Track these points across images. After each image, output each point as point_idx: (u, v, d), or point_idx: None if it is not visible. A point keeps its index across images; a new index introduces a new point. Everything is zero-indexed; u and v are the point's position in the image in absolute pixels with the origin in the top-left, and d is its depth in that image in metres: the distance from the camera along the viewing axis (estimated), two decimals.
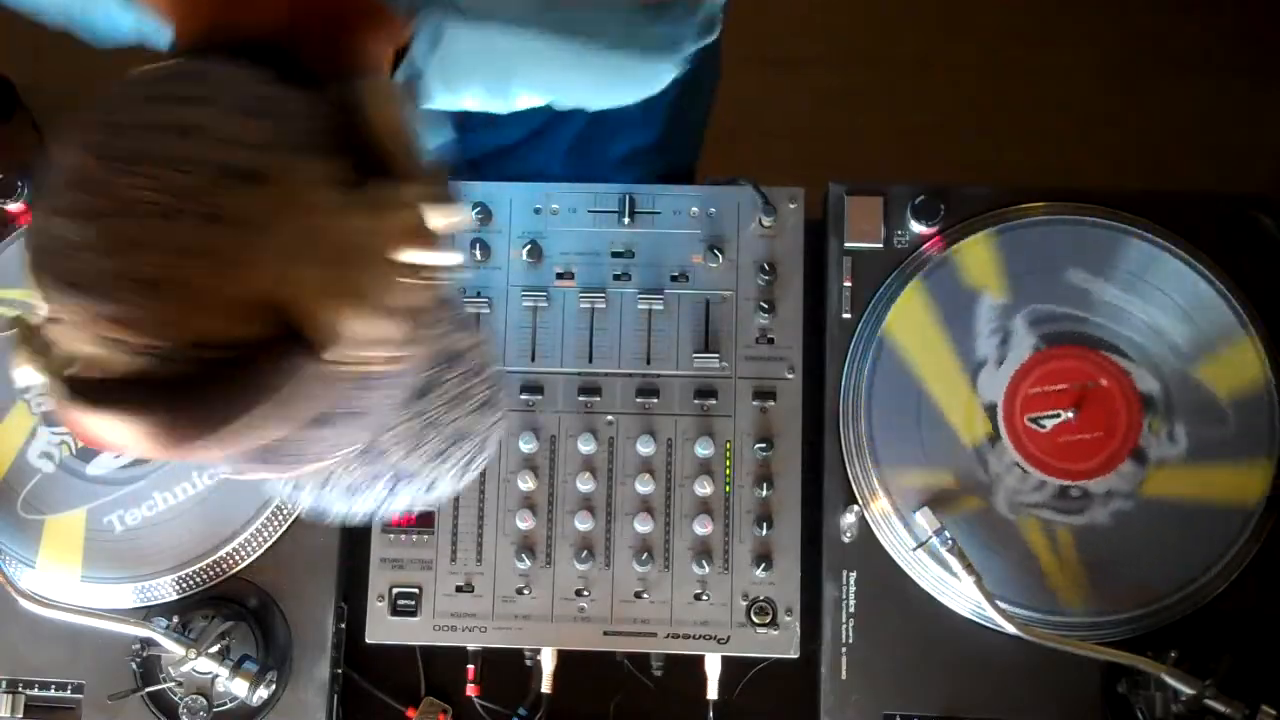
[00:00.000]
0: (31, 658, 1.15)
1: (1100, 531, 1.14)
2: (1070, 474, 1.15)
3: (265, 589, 1.16)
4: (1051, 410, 1.16)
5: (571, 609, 1.16)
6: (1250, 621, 1.12)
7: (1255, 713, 1.05)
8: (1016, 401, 1.16)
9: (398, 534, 1.17)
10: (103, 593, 1.16)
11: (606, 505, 1.17)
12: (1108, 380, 1.17)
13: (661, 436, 1.18)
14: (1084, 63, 2.34)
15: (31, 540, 1.17)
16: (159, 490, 1.18)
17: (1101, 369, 1.17)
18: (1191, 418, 1.16)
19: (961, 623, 1.14)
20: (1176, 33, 2.35)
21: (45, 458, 1.19)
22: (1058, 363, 1.17)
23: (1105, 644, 1.10)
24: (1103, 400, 1.16)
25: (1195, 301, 1.18)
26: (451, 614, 1.16)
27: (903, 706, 1.13)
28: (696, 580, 1.16)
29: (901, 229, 1.22)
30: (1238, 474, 1.15)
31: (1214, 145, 2.24)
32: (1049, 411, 1.16)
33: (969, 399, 1.17)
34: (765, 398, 1.18)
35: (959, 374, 1.17)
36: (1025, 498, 1.15)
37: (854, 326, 1.20)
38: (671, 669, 1.17)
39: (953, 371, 1.17)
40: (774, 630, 1.14)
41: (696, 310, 1.21)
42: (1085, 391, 1.16)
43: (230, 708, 1.12)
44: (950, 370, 1.17)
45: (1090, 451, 1.15)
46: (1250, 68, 2.33)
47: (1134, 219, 1.20)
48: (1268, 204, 1.21)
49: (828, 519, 1.16)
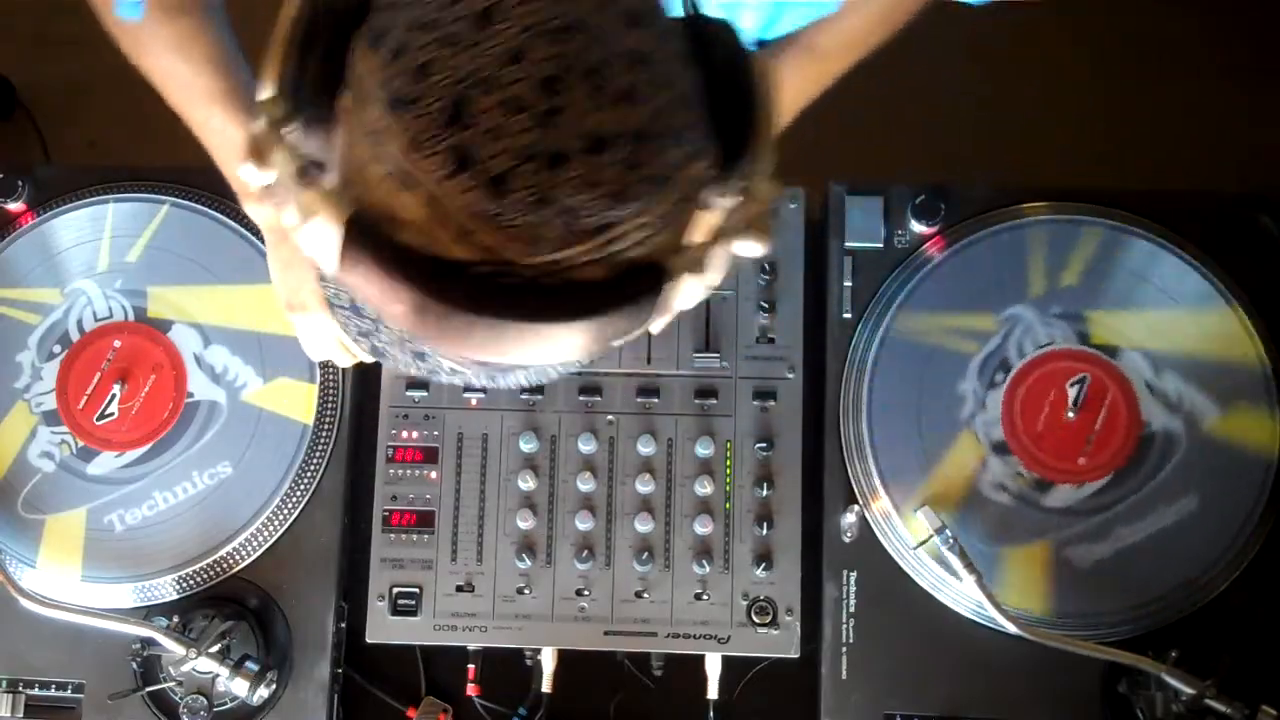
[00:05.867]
0: (31, 658, 1.15)
1: (1139, 517, 1.14)
2: (1089, 473, 1.15)
3: (265, 589, 1.16)
4: (1051, 418, 1.16)
5: (572, 609, 1.16)
6: (1250, 621, 1.12)
7: (1255, 713, 1.05)
8: (1016, 420, 1.16)
9: (398, 534, 1.17)
10: (103, 592, 1.16)
11: (607, 505, 1.17)
12: (1094, 371, 1.17)
13: (662, 436, 1.18)
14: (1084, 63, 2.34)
15: (32, 540, 1.17)
16: (159, 490, 1.18)
17: (1084, 362, 1.17)
18: (1184, 380, 1.16)
19: (961, 623, 1.14)
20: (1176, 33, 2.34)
21: (45, 458, 1.19)
22: (1041, 370, 1.17)
23: (1105, 644, 1.10)
24: (1096, 391, 1.16)
25: (1195, 301, 1.18)
26: (452, 614, 1.16)
27: (903, 706, 1.13)
28: (697, 580, 1.16)
29: (901, 229, 1.22)
30: (1247, 416, 1.15)
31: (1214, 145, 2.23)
32: (1049, 420, 1.16)
33: (969, 433, 1.17)
34: (765, 398, 1.18)
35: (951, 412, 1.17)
36: (1055, 510, 1.15)
37: (854, 326, 1.20)
38: (671, 669, 1.17)
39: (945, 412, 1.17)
40: (774, 630, 1.14)
41: (697, 310, 1.21)
42: (1077, 389, 1.16)
43: (230, 707, 1.12)
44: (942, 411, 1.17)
45: (1101, 445, 1.15)
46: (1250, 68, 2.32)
47: (1134, 219, 1.20)
48: (1268, 204, 1.22)
49: (828, 519, 1.16)
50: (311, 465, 1.18)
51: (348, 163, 0.62)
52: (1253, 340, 1.17)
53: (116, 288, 1.23)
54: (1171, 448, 1.16)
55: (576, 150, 0.57)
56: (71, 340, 1.21)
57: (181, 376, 1.20)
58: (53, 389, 1.20)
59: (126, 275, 1.23)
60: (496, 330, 0.60)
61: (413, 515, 1.17)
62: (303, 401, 1.19)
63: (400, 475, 1.18)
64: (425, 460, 1.18)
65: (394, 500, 1.18)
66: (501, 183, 0.57)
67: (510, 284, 0.59)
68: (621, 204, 0.58)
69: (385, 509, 1.17)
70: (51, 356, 1.21)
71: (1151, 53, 2.35)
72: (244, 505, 1.16)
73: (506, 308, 0.60)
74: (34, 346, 1.22)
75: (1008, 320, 1.19)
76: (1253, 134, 2.25)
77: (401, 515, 1.17)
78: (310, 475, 1.18)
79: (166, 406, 1.19)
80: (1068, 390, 1.17)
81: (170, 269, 1.23)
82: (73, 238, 1.24)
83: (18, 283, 1.24)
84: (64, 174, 1.27)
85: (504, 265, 0.59)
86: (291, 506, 1.17)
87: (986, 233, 1.21)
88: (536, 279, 0.59)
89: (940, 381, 1.18)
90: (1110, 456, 1.15)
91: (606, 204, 0.58)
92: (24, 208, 1.26)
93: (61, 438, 1.19)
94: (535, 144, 0.57)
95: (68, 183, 1.26)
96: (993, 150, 2.22)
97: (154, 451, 1.19)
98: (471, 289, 0.59)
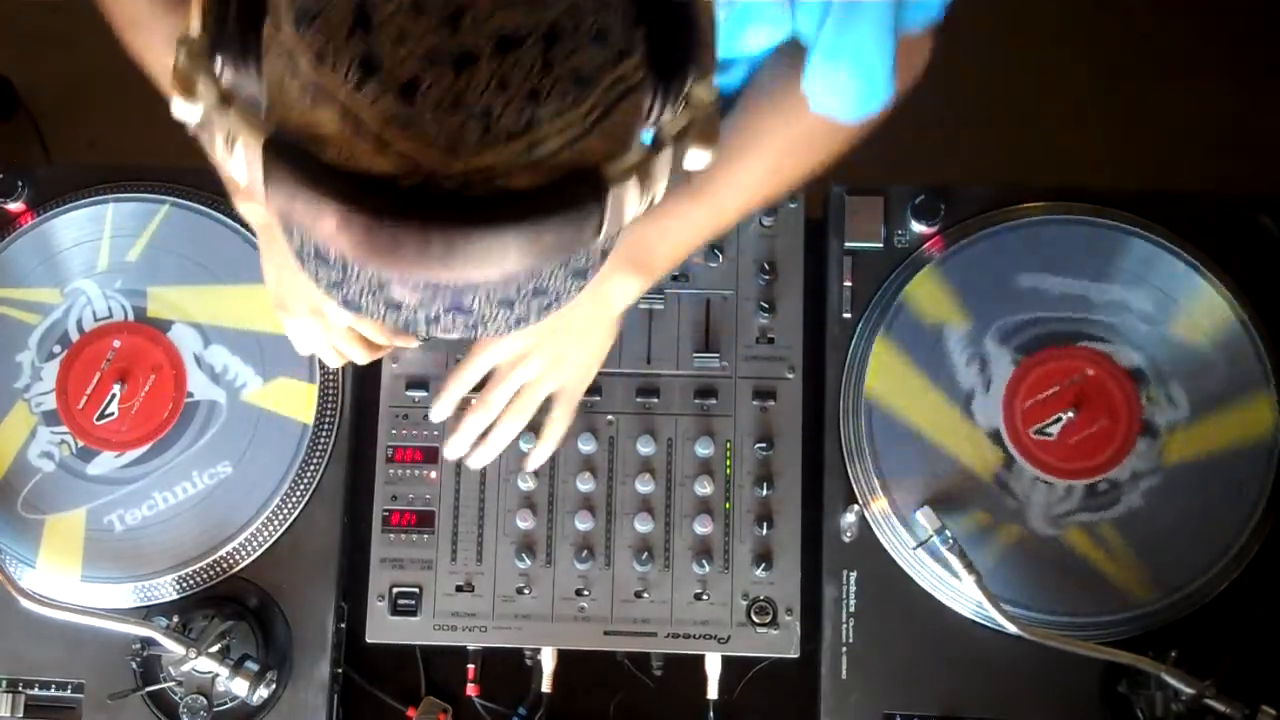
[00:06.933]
0: (31, 658, 1.15)
1: (1140, 514, 1.14)
2: (1092, 470, 1.15)
3: (265, 589, 1.16)
4: (1053, 416, 1.16)
5: (572, 609, 1.16)
6: (1250, 621, 1.12)
7: (1255, 713, 1.05)
8: (1017, 419, 1.16)
9: (398, 534, 1.17)
10: (103, 592, 1.16)
11: (607, 505, 1.17)
12: (1093, 368, 1.17)
13: (662, 436, 1.18)
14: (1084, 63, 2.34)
15: (31, 540, 1.17)
16: (159, 490, 1.18)
17: (1083, 359, 1.17)
18: (1182, 375, 1.16)
19: (961, 623, 1.14)
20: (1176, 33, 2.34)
21: (45, 458, 1.19)
22: (1040, 369, 1.17)
23: (1105, 644, 1.10)
24: (1096, 389, 1.16)
25: (1195, 301, 1.18)
26: (452, 614, 1.16)
27: (903, 706, 1.13)
28: (697, 580, 1.16)
29: (901, 229, 1.22)
30: (1247, 412, 1.15)
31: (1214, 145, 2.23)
32: (1051, 418, 1.16)
33: (971, 433, 1.16)
34: (765, 398, 1.18)
35: (952, 412, 1.17)
36: (1059, 509, 1.15)
37: (854, 326, 1.20)
38: (671, 669, 1.17)
39: (946, 412, 1.17)
40: (774, 630, 1.14)
41: (697, 310, 1.21)
42: (1077, 386, 1.16)
43: (230, 707, 1.12)
44: (943, 412, 1.17)
45: (1102, 442, 1.15)
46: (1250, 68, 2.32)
47: (1134, 219, 1.20)
48: (1268, 204, 1.22)
49: (828, 519, 1.16)
50: (311, 465, 1.18)
51: (270, 87, 0.62)
52: (1245, 328, 1.17)
53: (116, 288, 1.23)
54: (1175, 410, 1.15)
55: (485, 50, 0.57)
56: (71, 340, 1.21)
57: (181, 376, 1.20)
58: (52, 389, 1.20)
59: (126, 275, 1.23)
60: (424, 240, 0.59)
61: (413, 515, 1.17)
62: (303, 401, 1.19)
63: (400, 475, 1.18)
64: (425, 460, 1.18)
65: (394, 500, 1.18)
66: (411, 88, 0.57)
67: (436, 194, 0.58)
68: (538, 104, 0.58)
69: (385, 509, 1.17)
70: (51, 356, 1.21)
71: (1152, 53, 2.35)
72: (244, 505, 1.16)
73: (433, 217, 0.59)
74: (34, 346, 1.22)
75: (977, 346, 1.18)
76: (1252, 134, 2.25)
77: (401, 515, 1.17)
78: (310, 475, 1.18)
79: (166, 406, 1.19)
80: (1060, 391, 1.16)
81: (170, 269, 1.23)
82: (73, 238, 1.24)
83: (18, 283, 1.24)
84: (64, 174, 1.27)
85: (428, 176, 0.58)
86: (291, 506, 1.17)
87: (986, 233, 1.21)
88: (464, 188, 0.59)
89: (939, 380, 1.18)
90: (1122, 440, 1.15)
91: (522, 105, 0.57)
92: (24, 208, 1.26)
93: (61, 438, 1.19)
94: (441, 46, 0.57)
95: (68, 183, 1.26)
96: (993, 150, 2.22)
97: (154, 451, 1.19)
98: (396, 199, 0.58)
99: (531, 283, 0.66)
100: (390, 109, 0.57)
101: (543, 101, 0.58)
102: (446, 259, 0.60)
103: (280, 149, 0.60)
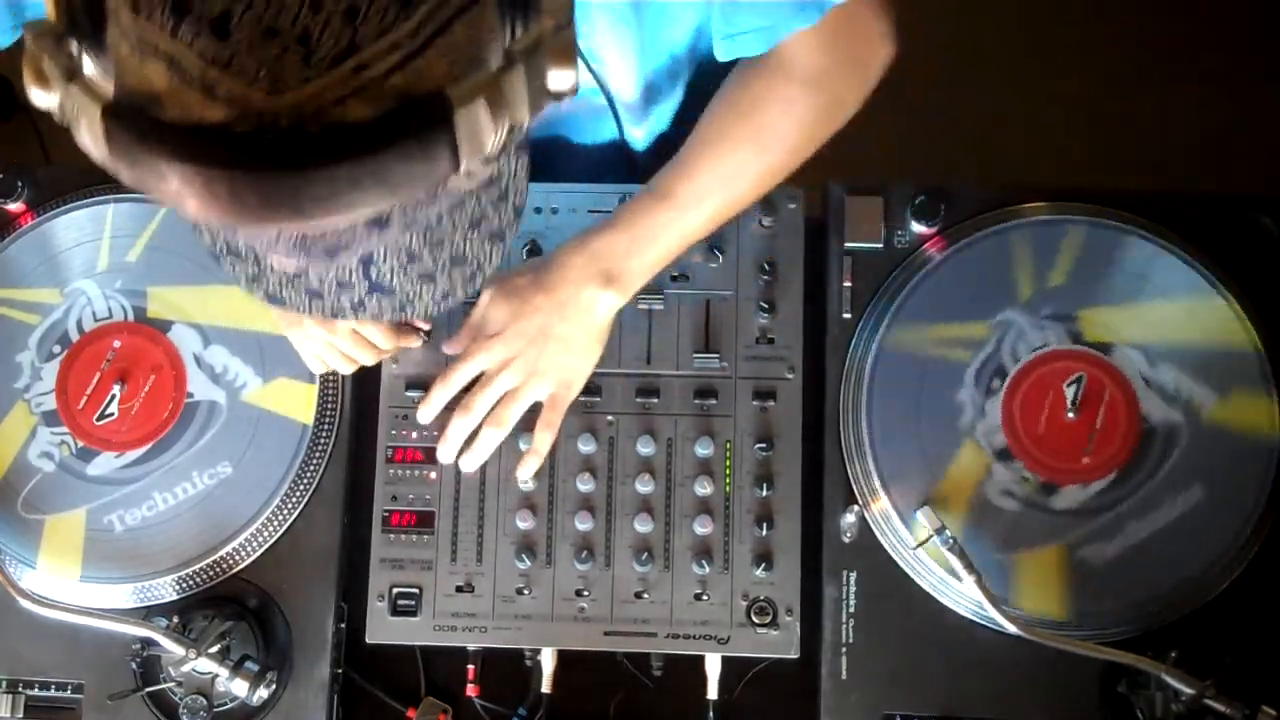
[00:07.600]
0: (31, 658, 1.15)
1: (1140, 515, 1.14)
2: (1092, 471, 1.15)
3: (265, 589, 1.16)
4: (1051, 417, 1.16)
5: (571, 609, 1.16)
6: (1250, 621, 1.12)
7: (1255, 713, 1.04)
8: (1017, 420, 1.16)
9: (398, 534, 1.17)
10: (103, 593, 1.16)
11: (606, 505, 1.17)
12: (1093, 369, 1.17)
13: (661, 436, 1.18)
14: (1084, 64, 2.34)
15: (31, 540, 1.17)
16: (159, 490, 1.18)
17: (1082, 360, 1.17)
18: (1182, 376, 1.16)
19: (961, 623, 1.14)
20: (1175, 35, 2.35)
21: (45, 458, 1.19)
22: (1040, 370, 1.17)
23: (1105, 644, 1.10)
24: (1096, 390, 1.16)
25: (1195, 301, 1.18)
26: (451, 614, 1.16)
27: (903, 706, 1.13)
28: (696, 580, 1.15)
29: (901, 229, 1.22)
30: (1247, 412, 1.15)
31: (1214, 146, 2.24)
32: (1048, 419, 1.16)
33: (971, 434, 1.16)
34: (765, 398, 1.18)
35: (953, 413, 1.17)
36: (1058, 509, 1.15)
37: (854, 326, 1.20)
38: (671, 669, 1.17)
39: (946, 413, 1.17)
40: (774, 630, 1.14)
41: (696, 310, 1.21)
42: (1076, 388, 1.16)
43: (230, 708, 1.12)
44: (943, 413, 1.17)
45: (1102, 443, 1.15)
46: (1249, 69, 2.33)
47: (1134, 219, 1.20)
48: (1268, 204, 1.22)
49: (828, 519, 1.16)
50: (311, 465, 1.18)
51: (113, 57, 0.60)
52: (1245, 326, 1.17)
53: (116, 288, 1.23)
54: (1173, 439, 1.15)
55: None
56: (71, 340, 1.21)
57: (181, 376, 1.20)
58: (52, 389, 1.20)
59: (126, 275, 1.23)
60: (264, 189, 0.56)
61: (412, 515, 1.17)
62: (303, 401, 1.19)
63: (400, 475, 1.18)
64: (425, 460, 1.18)
65: (394, 500, 1.18)
66: (224, 21, 0.55)
67: (272, 138, 0.56)
68: (357, 23, 0.55)
69: (385, 509, 1.17)
70: (51, 357, 1.21)
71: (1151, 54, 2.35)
72: (244, 505, 1.16)
73: (270, 160, 0.56)
74: (34, 347, 1.22)
75: (999, 326, 1.18)
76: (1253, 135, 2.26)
77: (401, 515, 1.17)
78: (310, 475, 1.18)
79: (166, 407, 1.19)
80: (1065, 390, 1.16)
81: (170, 269, 1.23)
82: (72, 238, 1.24)
83: (17, 283, 1.24)
84: (64, 174, 1.27)
85: (260, 118, 0.55)
86: (291, 507, 1.17)
87: (986, 233, 1.21)
88: (298, 127, 0.56)
89: (938, 387, 1.18)
90: (1113, 453, 1.15)
91: (340, 25, 0.55)
92: (24, 208, 1.26)
93: (61, 438, 1.19)
94: None
95: (68, 183, 1.26)
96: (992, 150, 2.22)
97: (154, 452, 1.19)
98: (230, 147, 0.56)
99: (446, 251, 0.63)
100: (207, 48, 0.55)
101: (362, 19, 0.55)
102: (294, 205, 0.57)
103: (118, 113, 0.58)
